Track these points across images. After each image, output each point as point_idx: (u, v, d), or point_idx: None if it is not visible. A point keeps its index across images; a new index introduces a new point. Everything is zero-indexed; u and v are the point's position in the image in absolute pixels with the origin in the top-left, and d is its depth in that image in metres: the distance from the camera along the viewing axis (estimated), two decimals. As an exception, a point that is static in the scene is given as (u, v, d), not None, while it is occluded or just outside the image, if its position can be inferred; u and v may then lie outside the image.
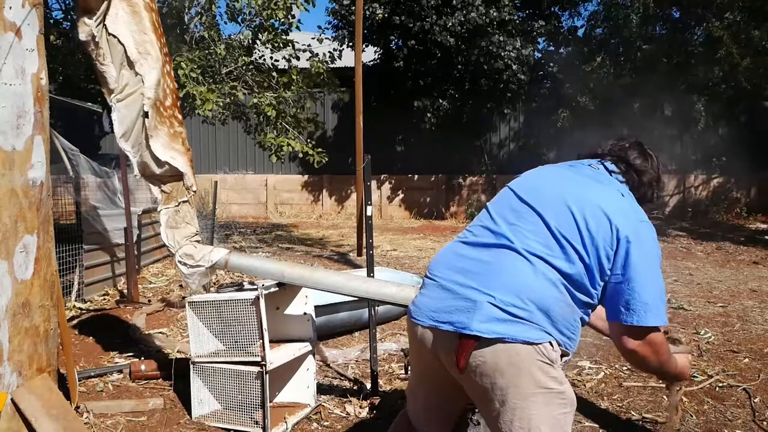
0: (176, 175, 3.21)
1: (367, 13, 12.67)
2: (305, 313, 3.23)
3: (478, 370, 1.62)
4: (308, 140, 9.44)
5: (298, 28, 9.18)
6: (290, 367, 3.18)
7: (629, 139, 1.90)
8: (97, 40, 2.97)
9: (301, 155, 9.26)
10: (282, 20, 8.83)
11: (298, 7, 8.82)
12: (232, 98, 8.70)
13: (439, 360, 1.73)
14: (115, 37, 2.98)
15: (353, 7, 10.96)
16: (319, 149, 9.17)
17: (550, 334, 1.62)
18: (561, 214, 1.70)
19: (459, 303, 1.66)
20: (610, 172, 1.84)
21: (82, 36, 2.98)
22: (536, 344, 1.60)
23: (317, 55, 9.72)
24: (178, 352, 4.01)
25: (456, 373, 1.68)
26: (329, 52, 10.05)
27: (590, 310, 1.74)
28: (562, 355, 1.67)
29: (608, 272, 1.66)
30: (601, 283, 1.67)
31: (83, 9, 2.93)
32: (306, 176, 15.59)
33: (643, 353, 1.66)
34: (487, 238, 1.76)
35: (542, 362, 1.61)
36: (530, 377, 1.61)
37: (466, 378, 1.67)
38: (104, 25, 2.97)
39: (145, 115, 3.05)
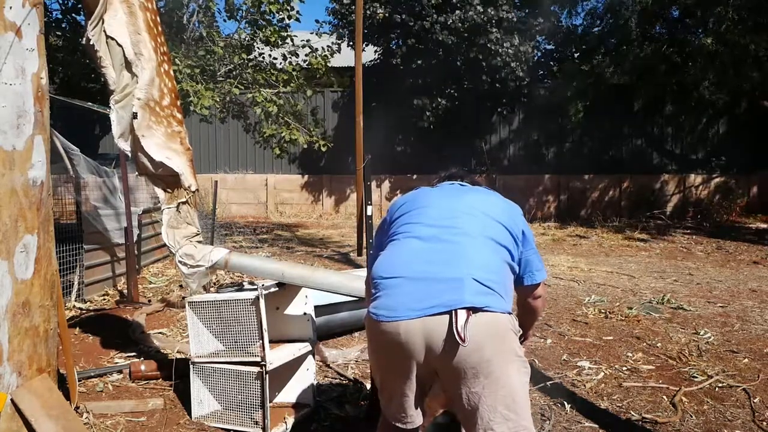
0: (175, 175, 3.21)
1: (368, 12, 12.66)
2: (305, 313, 3.23)
3: (471, 341, 1.71)
4: (311, 133, 9.46)
5: (298, 20, 9.17)
6: (290, 367, 3.18)
7: (459, 171, 2.39)
8: (92, 43, 2.96)
9: (305, 146, 9.26)
10: (277, 14, 8.84)
11: None
12: (231, 96, 8.71)
13: (423, 353, 1.78)
14: (113, 39, 2.98)
15: (353, 7, 10.95)
16: (322, 140, 9.21)
17: (510, 307, 1.87)
18: (487, 208, 2.03)
19: (444, 285, 1.78)
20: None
21: (85, 39, 2.98)
22: (510, 315, 1.84)
23: (316, 50, 9.72)
24: (178, 352, 4.01)
25: (448, 356, 1.74)
26: (328, 46, 10.04)
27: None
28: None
29: (520, 250, 2.04)
30: (521, 260, 2.06)
31: (88, 12, 2.94)
32: (306, 176, 15.58)
33: (546, 295, 2.26)
34: (437, 232, 1.94)
35: (514, 332, 1.83)
36: (510, 346, 1.80)
37: (457, 358, 1.74)
38: (103, 27, 2.97)
39: (134, 116, 3.03)
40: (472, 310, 1.73)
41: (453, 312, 1.72)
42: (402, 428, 1.99)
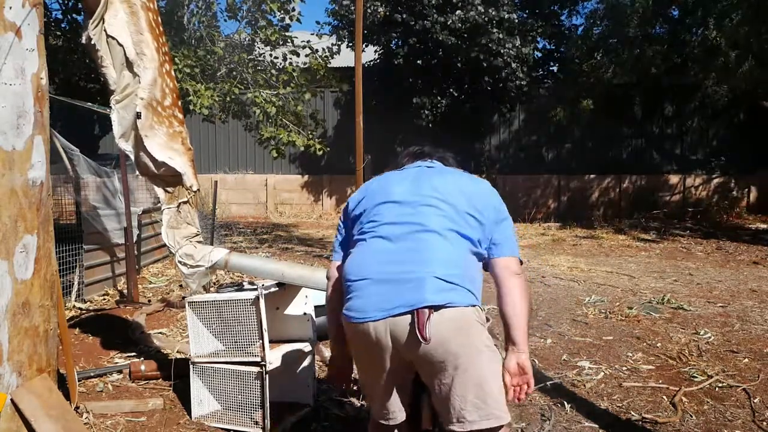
0: (177, 175, 3.21)
1: (369, 11, 12.65)
2: (305, 313, 3.23)
3: (435, 338, 1.75)
4: (309, 136, 9.45)
5: (299, 20, 9.16)
6: (290, 367, 3.18)
7: (424, 146, 2.32)
8: (93, 42, 2.96)
9: (302, 148, 9.27)
10: (278, 14, 8.82)
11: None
12: (231, 96, 8.70)
13: (394, 350, 1.83)
14: (114, 38, 2.98)
15: (353, 7, 10.95)
16: (320, 140, 9.22)
17: (477, 298, 1.88)
18: (452, 195, 1.98)
19: (406, 285, 1.81)
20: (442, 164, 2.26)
21: (84, 39, 2.98)
22: (474, 307, 1.85)
23: (317, 51, 9.71)
24: (178, 352, 4.01)
25: (415, 352, 1.79)
26: (328, 47, 10.03)
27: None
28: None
29: (489, 228, 1.97)
30: (488, 239, 1.98)
31: (88, 12, 2.94)
32: (306, 176, 15.58)
33: (519, 272, 1.98)
34: (400, 230, 1.94)
35: (480, 323, 1.85)
36: (476, 338, 1.83)
37: (424, 353, 1.78)
38: (103, 27, 2.97)
39: (138, 116, 3.04)
40: (434, 308, 1.77)
41: (414, 312, 1.77)
42: (386, 425, 2.03)
